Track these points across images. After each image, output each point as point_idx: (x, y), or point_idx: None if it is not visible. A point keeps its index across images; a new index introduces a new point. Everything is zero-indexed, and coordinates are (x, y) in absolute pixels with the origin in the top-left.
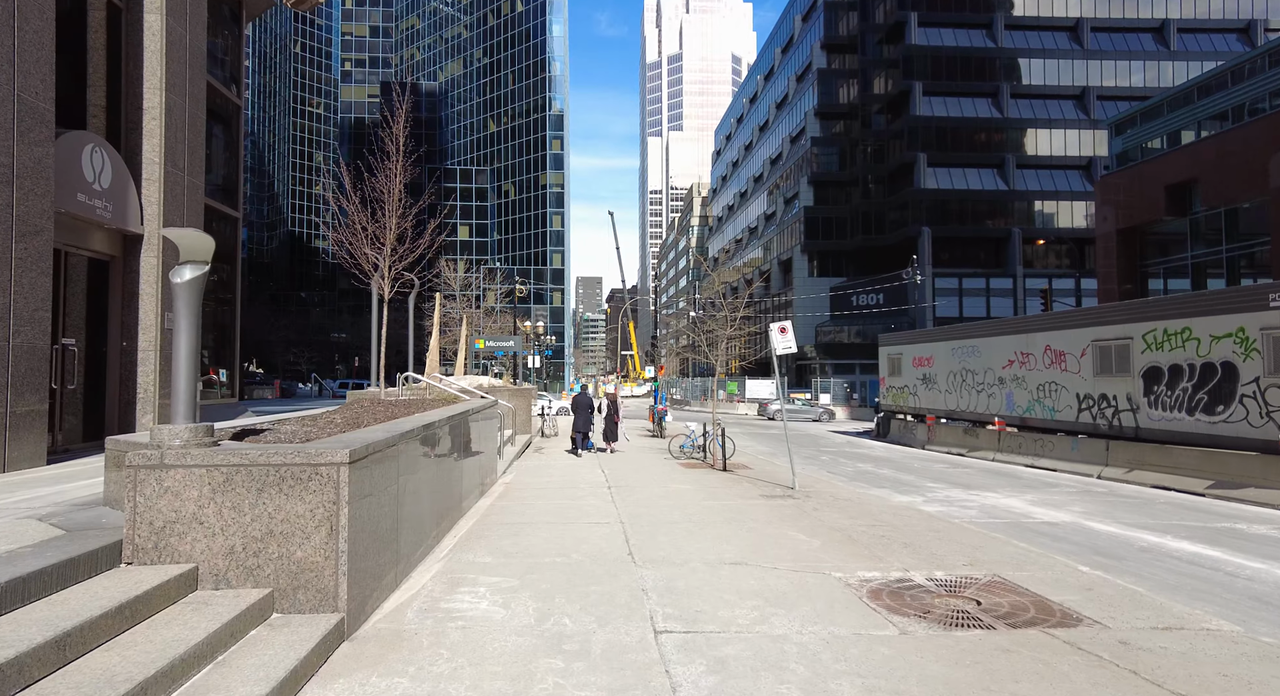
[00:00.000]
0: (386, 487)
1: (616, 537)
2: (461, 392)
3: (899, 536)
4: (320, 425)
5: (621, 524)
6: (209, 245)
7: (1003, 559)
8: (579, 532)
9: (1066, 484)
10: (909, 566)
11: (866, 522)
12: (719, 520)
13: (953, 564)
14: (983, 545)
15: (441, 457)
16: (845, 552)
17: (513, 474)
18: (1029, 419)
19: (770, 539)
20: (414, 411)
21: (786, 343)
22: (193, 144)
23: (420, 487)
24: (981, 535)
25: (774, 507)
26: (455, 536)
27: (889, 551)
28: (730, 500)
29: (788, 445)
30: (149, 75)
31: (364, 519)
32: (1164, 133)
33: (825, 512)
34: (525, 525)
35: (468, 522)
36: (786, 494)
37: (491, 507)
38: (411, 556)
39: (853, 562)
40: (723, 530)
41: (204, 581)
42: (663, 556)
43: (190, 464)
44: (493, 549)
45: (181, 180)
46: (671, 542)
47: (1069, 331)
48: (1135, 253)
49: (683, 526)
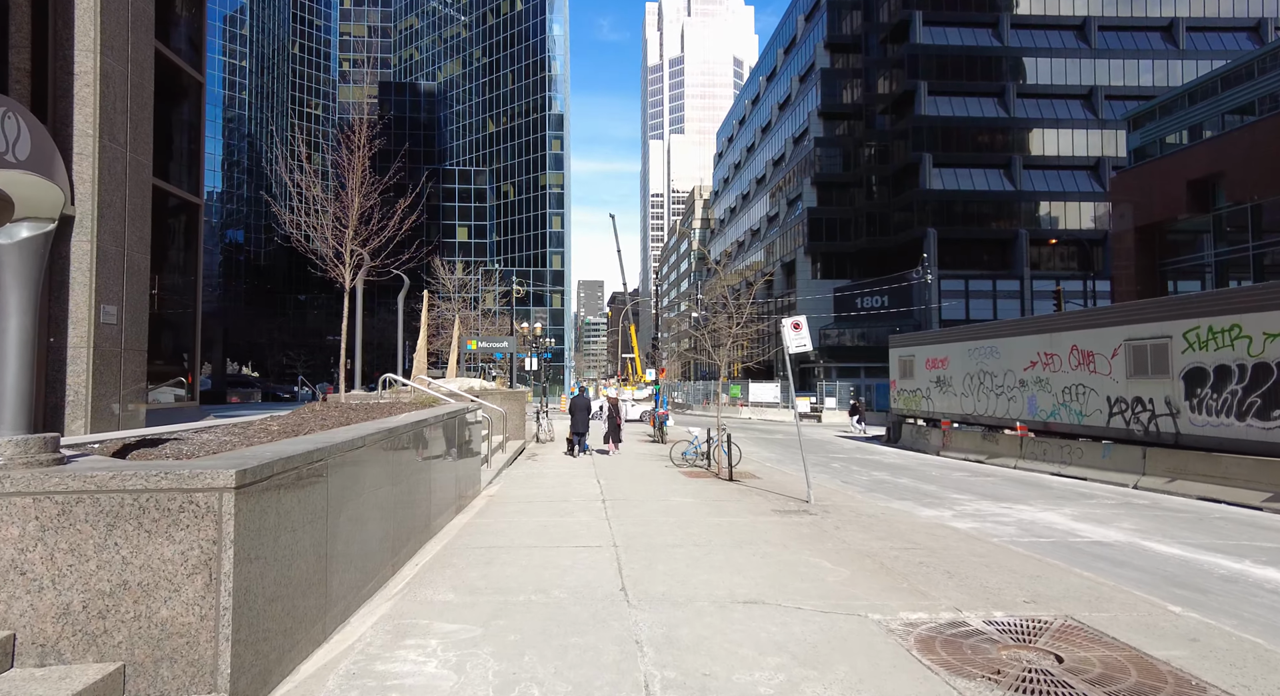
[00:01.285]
0: (307, 517)
1: (608, 566)
2: (447, 396)
3: (939, 562)
4: (250, 434)
5: (615, 548)
6: (54, 197)
7: (1069, 593)
8: (565, 559)
9: (1102, 495)
10: (960, 604)
11: (898, 545)
12: (728, 542)
13: (1011, 600)
14: (1040, 574)
15: (404, 471)
16: (880, 585)
17: (499, 484)
18: (1053, 423)
19: (789, 567)
20: (377, 416)
21: (800, 340)
22: (137, 117)
23: (367, 512)
24: (1034, 561)
25: (790, 526)
26: (418, 564)
27: (931, 583)
28: (739, 517)
29: (802, 453)
30: (80, 35)
31: (266, 560)
32: (1185, 127)
33: (849, 532)
34: (502, 549)
35: (437, 545)
36: (802, 509)
37: (468, 526)
38: (351, 598)
39: (892, 598)
40: (733, 555)
41: (24, 655)
42: (662, 592)
43: (9, 491)
44: (458, 582)
45: (122, 156)
46: (673, 573)
47: (1099, 330)
48: (1153, 252)
49: (686, 550)
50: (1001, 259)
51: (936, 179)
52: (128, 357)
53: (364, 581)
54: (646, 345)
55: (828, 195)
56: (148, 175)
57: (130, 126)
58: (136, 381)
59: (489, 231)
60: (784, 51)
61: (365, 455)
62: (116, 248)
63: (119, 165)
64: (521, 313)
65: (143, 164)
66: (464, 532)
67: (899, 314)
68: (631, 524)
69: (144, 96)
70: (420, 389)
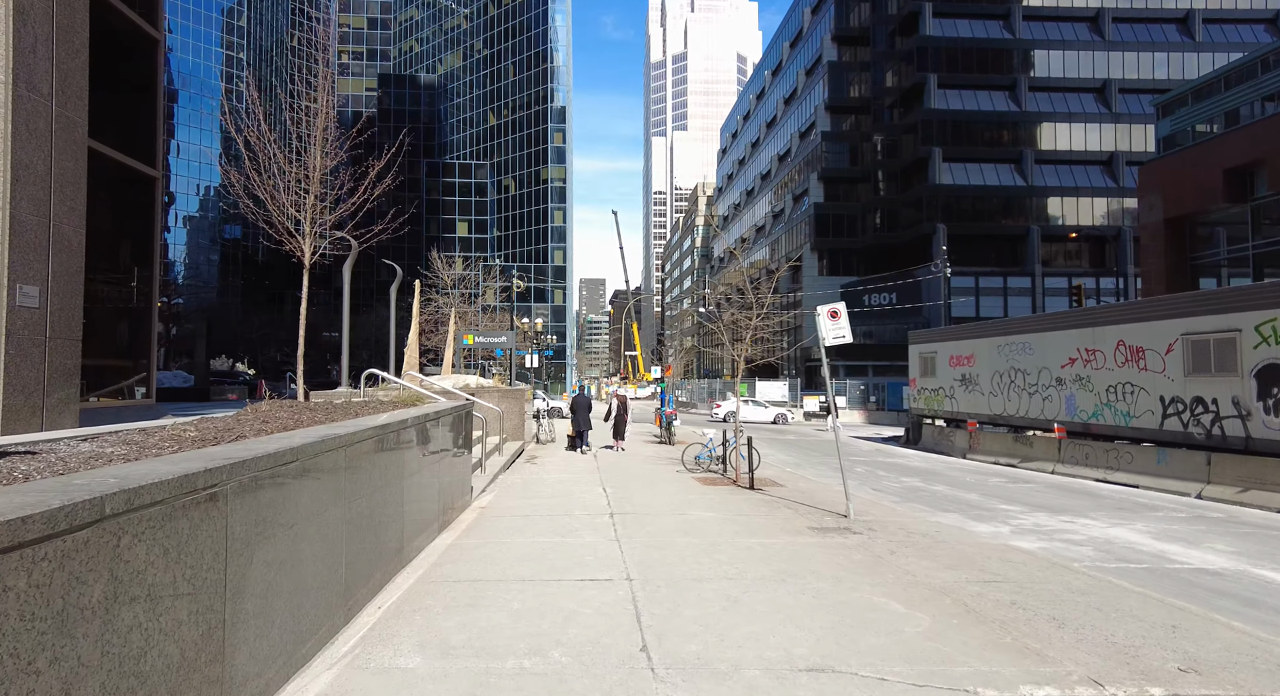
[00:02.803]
0: (185, 572)
1: (622, 611)
2: (438, 395)
3: (1035, 603)
4: (151, 443)
5: (629, 581)
6: None
7: (1235, 656)
8: (567, 599)
9: (1166, 506)
10: (1097, 674)
11: (972, 575)
12: (767, 573)
13: (1159, 667)
14: (1176, 622)
15: (363, 488)
16: (976, 639)
17: (493, 493)
18: (1095, 425)
19: (854, 613)
20: (341, 417)
21: (839, 330)
22: (67, 67)
23: (304, 548)
24: (1155, 602)
25: (836, 551)
26: (381, 605)
27: (1040, 636)
28: (773, 536)
29: (840, 463)
30: None
31: (72, 663)
32: (1220, 112)
33: (908, 558)
34: (490, 583)
35: (410, 576)
36: (843, 526)
37: (452, 549)
38: (275, 669)
39: (998, 660)
40: (778, 594)
41: None
42: (696, 654)
43: None
44: (428, 636)
45: (45, 110)
46: (706, 621)
47: (1150, 324)
48: (1184, 245)
49: (717, 586)
50: (1012, 255)
51: (946, 174)
52: (54, 348)
53: (299, 640)
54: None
55: (834, 190)
56: (81, 136)
57: (57, 77)
58: (67, 376)
59: (489, 226)
60: (790, 45)
61: (303, 471)
62: (38, 218)
63: (41, 121)
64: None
65: (74, 122)
66: (446, 558)
67: (907, 311)
68: (646, 546)
69: (75, 43)
70: (408, 386)
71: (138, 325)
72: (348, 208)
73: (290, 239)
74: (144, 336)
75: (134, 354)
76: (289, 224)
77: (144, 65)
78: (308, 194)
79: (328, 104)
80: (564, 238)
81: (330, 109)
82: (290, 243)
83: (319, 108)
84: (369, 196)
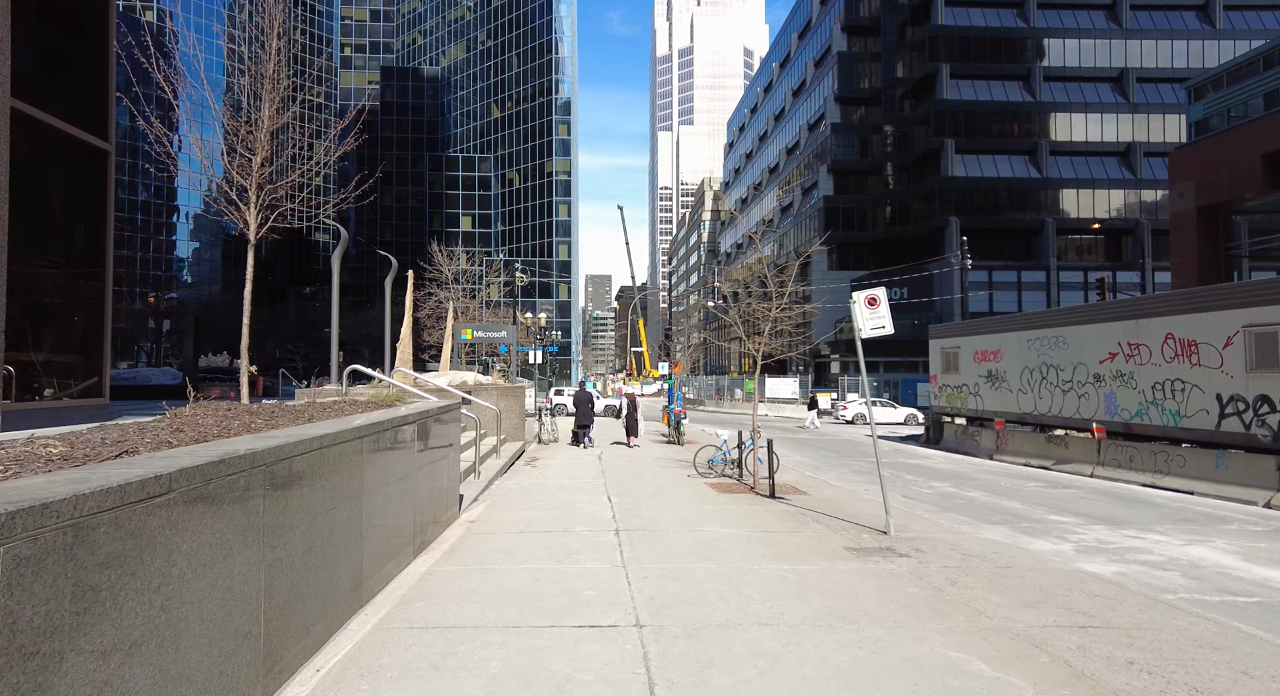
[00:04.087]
0: None
1: (631, 678)
2: (431, 393)
3: (1162, 665)
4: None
5: (639, 629)
6: None
7: None
8: (559, 658)
9: (1236, 516)
10: None
11: (1060, 618)
12: (809, 615)
13: None
14: None
15: (299, 517)
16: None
17: (485, 503)
18: (1138, 425)
19: (926, 677)
20: (292, 422)
21: (877, 320)
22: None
23: (179, 621)
24: None
25: (885, 581)
26: (320, 669)
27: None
28: (807, 561)
29: (879, 472)
30: None
31: None
32: (1259, 94)
33: (972, 590)
34: (466, 631)
35: (365, 623)
36: (884, 546)
37: (424, 581)
38: None
39: None
40: (826, 646)
41: None
42: None
43: None
44: None
45: None
46: (742, 691)
47: (1205, 315)
48: (1218, 235)
49: (750, 636)
50: (1026, 249)
51: (958, 166)
52: None
53: None
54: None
55: (844, 183)
56: (3, 95)
57: None
58: None
59: (494, 220)
60: (798, 36)
61: (188, 500)
62: None
63: None
64: (527, 304)
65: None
66: (416, 593)
67: (920, 305)
68: (659, 575)
69: None
70: (398, 385)
71: (87, 316)
72: (302, 173)
73: (232, 208)
74: (96, 328)
75: (85, 349)
76: (231, 192)
77: (92, 25)
78: (254, 156)
79: (280, 45)
80: (569, 232)
81: (281, 52)
82: (231, 213)
83: (269, 52)
84: (329, 160)
